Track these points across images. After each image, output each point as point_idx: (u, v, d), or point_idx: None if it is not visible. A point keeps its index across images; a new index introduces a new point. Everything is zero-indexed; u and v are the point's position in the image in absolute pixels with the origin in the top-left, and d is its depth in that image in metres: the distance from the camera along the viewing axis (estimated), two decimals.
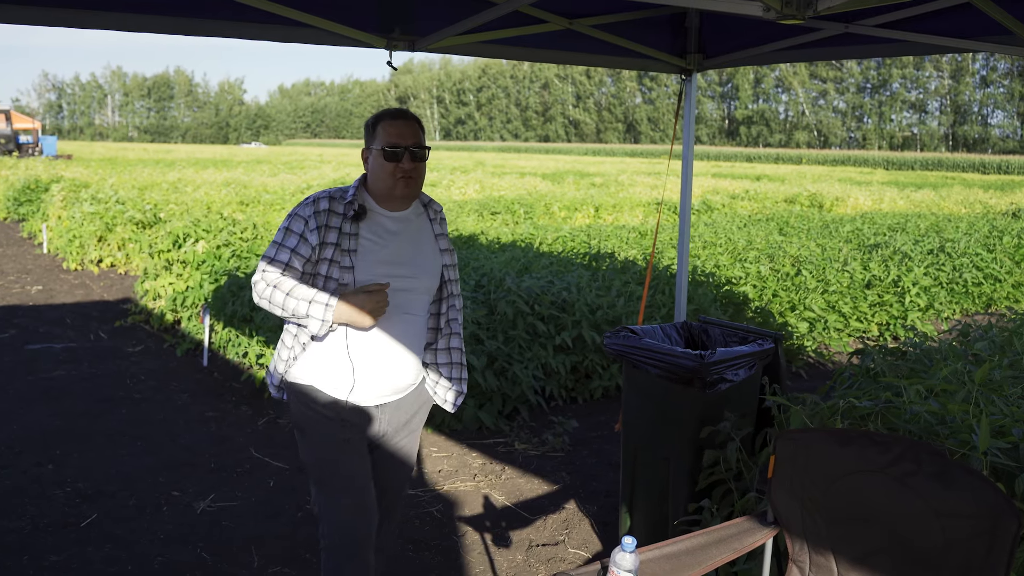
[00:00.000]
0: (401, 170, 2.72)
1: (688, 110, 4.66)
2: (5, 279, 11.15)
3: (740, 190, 23.11)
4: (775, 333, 3.88)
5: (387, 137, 2.73)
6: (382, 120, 2.77)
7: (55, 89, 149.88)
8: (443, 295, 2.94)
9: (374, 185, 2.78)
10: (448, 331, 2.95)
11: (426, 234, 2.89)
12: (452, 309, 2.96)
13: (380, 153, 2.73)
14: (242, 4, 3.39)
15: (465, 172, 29.69)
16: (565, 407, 6.22)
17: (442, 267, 2.92)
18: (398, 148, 2.72)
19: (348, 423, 2.79)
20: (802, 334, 7.66)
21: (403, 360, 2.82)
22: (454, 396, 3.00)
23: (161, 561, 3.92)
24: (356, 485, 2.83)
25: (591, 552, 4.11)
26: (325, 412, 2.78)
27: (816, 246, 10.08)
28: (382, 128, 2.75)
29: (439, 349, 2.95)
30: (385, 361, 2.78)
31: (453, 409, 3.02)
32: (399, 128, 2.74)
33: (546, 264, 8.06)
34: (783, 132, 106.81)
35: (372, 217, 2.77)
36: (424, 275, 2.84)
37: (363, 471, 2.86)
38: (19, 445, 5.29)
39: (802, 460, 2.60)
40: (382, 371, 2.78)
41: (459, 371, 2.99)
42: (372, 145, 2.77)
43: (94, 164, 27.93)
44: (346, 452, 2.81)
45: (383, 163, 2.73)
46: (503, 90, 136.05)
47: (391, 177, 2.73)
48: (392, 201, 2.78)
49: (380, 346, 2.77)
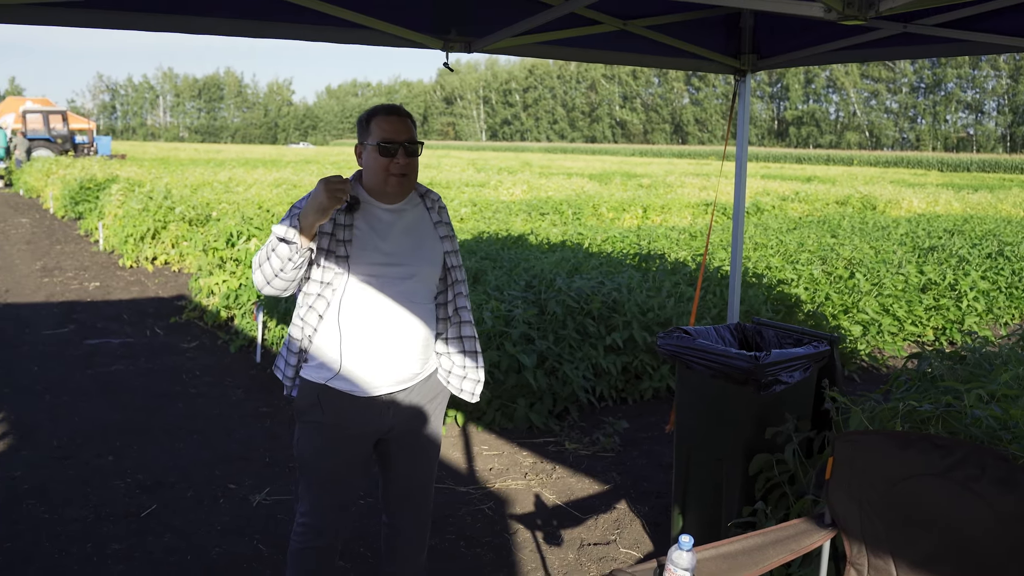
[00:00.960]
0: (396, 165, 2.74)
1: (742, 111, 4.64)
2: (64, 275, 11.42)
3: (790, 191, 22.86)
4: (831, 335, 3.85)
5: (381, 133, 2.74)
6: (376, 116, 2.78)
7: (109, 90, 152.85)
8: (448, 283, 2.93)
9: (368, 180, 2.80)
10: (458, 319, 2.95)
11: (424, 223, 2.89)
12: (459, 297, 2.95)
13: (375, 149, 2.74)
14: (299, 6, 3.45)
15: (512, 173, 29.75)
16: (615, 407, 6.22)
17: (443, 254, 2.92)
18: (392, 144, 2.73)
19: (344, 416, 2.80)
20: (855, 337, 7.57)
21: (405, 350, 2.81)
22: (472, 385, 2.98)
23: (219, 552, 4.00)
24: (338, 483, 2.88)
25: (643, 552, 4.12)
26: (319, 405, 2.80)
27: (869, 248, 9.95)
28: (376, 124, 2.76)
29: (450, 338, 2.95)
30: (385, 351, 2.78)
31: (474, 399, 3.00)
32: (393, 124, 2.75)
33: (596, 265, 8.06)
34: (834, 133, 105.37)
35: (367, 209, 2.79)
36: (423, 263, 2.84)
37: (350, 468, 2.88)
38: (81, 437, 5.42)
39: (861, 462, 2.59)
40: (382, 361, 2.78)
41: (474, 359, 2.97)
42: (366, 141, 2.78)
43: (147, 164, 28.46)
44: (335, 448, 2.84)
45: (377, 159, 2.74)
46: (550, 90, 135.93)
47: (385, 172, 2.75)
48: (386, 196, 2.80)
49: (379, 336, 2.76)
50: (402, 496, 3.04)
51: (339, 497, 2.90)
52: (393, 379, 2.81)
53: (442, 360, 2.97)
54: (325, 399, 2.79)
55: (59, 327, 8.41)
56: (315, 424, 2.82)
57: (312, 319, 2.76)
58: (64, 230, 16.39)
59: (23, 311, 9.13)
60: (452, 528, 4.30)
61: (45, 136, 33.24)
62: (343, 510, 2.93)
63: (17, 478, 4.76)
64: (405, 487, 3.03)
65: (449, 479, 4.92)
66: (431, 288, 2.89)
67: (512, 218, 14.16)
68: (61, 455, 5.12)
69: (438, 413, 3.02)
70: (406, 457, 2.98)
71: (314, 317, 2.76)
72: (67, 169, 21.38)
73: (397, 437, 2.93)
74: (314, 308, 2.76)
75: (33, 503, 4.46)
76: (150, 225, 12.31)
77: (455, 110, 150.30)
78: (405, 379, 2.84)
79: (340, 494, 2.90)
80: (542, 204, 16.15)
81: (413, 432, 2.96)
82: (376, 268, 2.74)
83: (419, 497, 3.07)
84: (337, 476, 2.88)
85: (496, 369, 5.71)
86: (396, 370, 2.81)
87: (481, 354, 3.01)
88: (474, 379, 2.99)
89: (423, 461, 3.03)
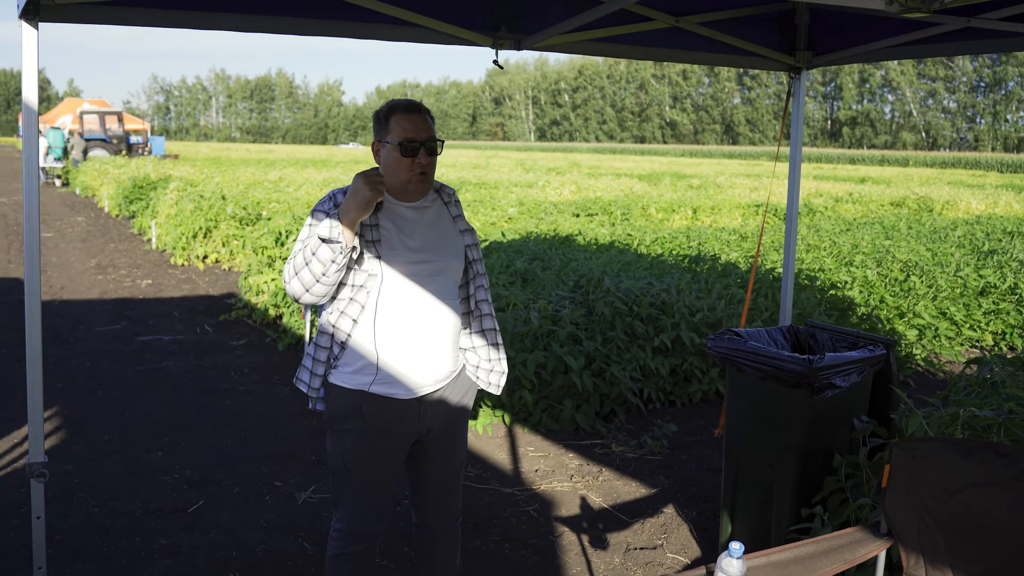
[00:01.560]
0: (418, 165, 2.70)
1: (796, 109, 4.54)
2: (117, 273, 11.61)
3: (843, 192, 22.47)
4: (887, 339, 3.74)
5: (402, 132, 2.69)
6: (395, 113, 2.72)
7: (163, 91, 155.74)
8: (469, 276, 2.90)
9: (388, 178, 2.73)
10: (479, 312, 2.91)
11: (444, 218, 2.87)
12: (480, 290, 2.92)
13: (396, 148, 2.69)
14: (350, 3, 3.44)
15: (560, 173, 29.68)
16: (663, 410, 6.14)
17: (464, 247, 2.89)
18: (414, 143, 2.69)
19: (385, 421, 2.77)
20: (911, 341, 7.39)
21: (441, 347, 2.78)
22: (497, 378, 2.96)
23: (264, 549, 4.00)
24: (378, 488, 2.86)
25: (690, 557, 4.04)
26: (359, 411, 2.76)
27: (926, 251, 9.72)
28: (396, 122, 2.70)
29: (473, 332, 2.92)
30: (424, 350, 2.74)
31: (498, 391, 2.98)
32: (414, 122, 2.70)
33: (645, 266, 7.97)
34: (889, 133, 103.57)
35: (389, 208, 2.75)
36: (450, 258, 2.81)
37: (389, 473, 2.86)
38: (131, 432, 5.49)
39: (919, 470, 2.50)
40: (422, 361, 2.75)
41: (497, 351, 2.95)
42: (385, 139, 2.73)
43: (199, 163, 28.88)
44: (375, 453, 2.81)
45: (399, 158, 2.69)
46: (599, 90, 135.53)
47: (407, 172, 2.70)
48: (407, 194, 2.76)
49: (417, 335, 2.73)
50: (438, 496, 3.01)
51: (378, 502, 2.87)
52: (432, 378, 2.79)
53: (468, 355, 2.95)
54: (366, 405, 2.75)
55: (112, 324, 8.55)
56: (354, 431, 2.78)
57: (345, 324, 2.71)
58: (118, 229, 16.69)
59: (78, 307, 9.30)
60: (497, 529, 4.26)
61: (101, 136, 33.91)
62: (382, 514, 2.90)
63: (69, 471, 4.83)
64: (440, 487, 3.00)
65: (494, 480, 4.89)
66: (457, 282, 2.86)
67: (560, 218, 14.10)
68: (112, 450, 5.19)
69: (468, 409, 3.01)
70: (442, 458, 2.96)
71: (347, 322, 2.71)
72: (121, 169, 21.76)
73: (434, 438, 2.90)
74: (347, 313, 2.71)
75: (84, 496, 4.51)
76: (201, 224, 12.48)
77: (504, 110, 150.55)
78: (442, 377, 2.82)
79: (379, 499, 2.87)
80: (590, 204, 16.07)
81: (448, 432, 2.94)
82: (407, 267, 2.71)
83: (453, 495, 3.05)
84: (376, 482, 2.85)
85: (543, 370, 5.66)
86: (435, 368, 2.78)
87: (503, 346, 2.98)
88: (499, 371, 2.97)
89: (456, 460, 3.01)
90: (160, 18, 3.30)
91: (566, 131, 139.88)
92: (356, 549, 2.88)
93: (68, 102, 48.32)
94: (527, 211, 14.82)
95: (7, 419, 5.62)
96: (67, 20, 3.06)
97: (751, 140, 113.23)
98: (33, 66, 2.77)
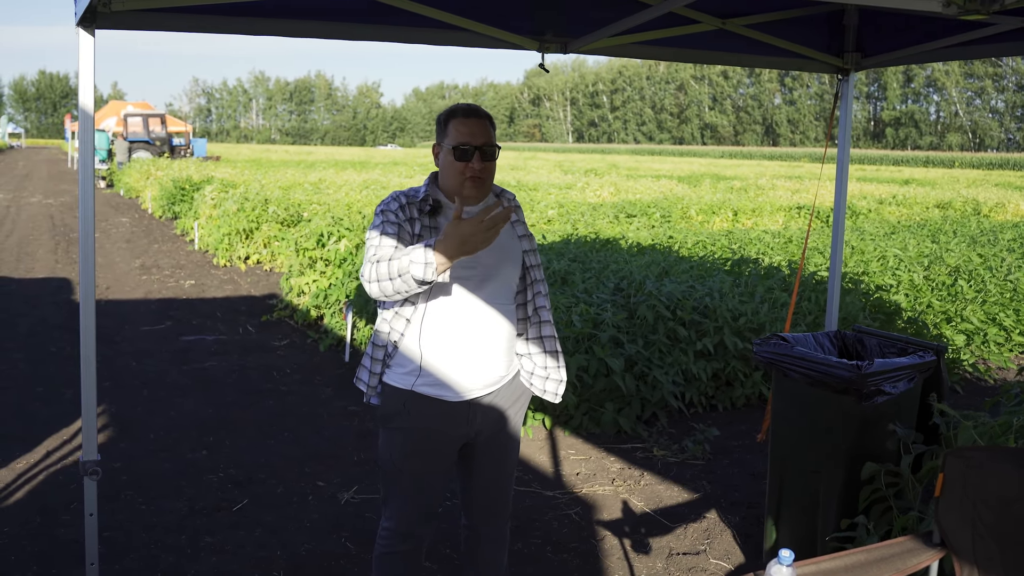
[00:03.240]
0: (471, 169, 2.69)
1: (844, 111, 4.49)
2: (161, 273, 11.78)
3: (887, 194, 22.18)
4: (937, 345, 3.68)
5: (458, 136, 2.69)
6: (454, 117, 2.73)
7: (204, 94, 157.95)
8: (527, 282, 2.89)
9: (444, 182, 2.76)
10: (537, 319, 2.90)
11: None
12: (539, 296, 2.90)
13: (451, 152, 2.70)
14: (394, 7, 3.45)
15: (599, 175, 29.62)
16: (705, 414, 6.09)
17: (522, 253, 2.88)
18: (468, 147, 2.69)
19: (432, 421, 2.77)
20: (959, 347, 7.27)
21: (491, 352, 2.77)
22: (555, 386, 2.94)
23: (308, 548, 4.03)
24: (425, 488, 2.85)
25: (733, 564, 4.01)
26: (406, 410, 2.76)
27: (975, 255, 9.56)
28: (453, 126, 2.71)
29: (531, 338, 2.90)
30: (472, 354, 2.74)
31: (556, 399, 2.96)
32: (470, 127, 2.70)
33: (686, 268, 7.92)
34: (934, 134, 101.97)
35: (447, 212, 2.75)
36: (506, 263, 2.80)
37: (437, 474, 2.86)
38: (176, 431, 5.56)
39: (974, 480, 2.45)
40: (470, 365, 2.74)
41: (555, 359, 2.93)
42: (444, 142, 2.74)
43: (240, 165, 29.21)
44: (423, 453, 2.81)
45: (453, 162, 2.70)
46: (638, 92, 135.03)
47: (460, 176, 2.70)
48: (463, 199, 2.75)
49: (466, 339, 2.73)
50: (487, 501, 3.01)
51: (425, 502, 2.88)
52: (481, 382, 2.78)
53: (523, 361, 2.93)
54: (412, 404, 2.76)
55: (156, 324, 8.67)
56: (402, 430, 2.79)
57: (399, 324, 2.73)
58: (161, 229, 16.92)
59: (123, 307, 9.44)
60: (538, 532, 4.26)
61: (144, 139, 34.45)
62: (429, 515, 2.91)
63: (116, 469, 4.90)
64: (489, 492, 3.00)
65: (536, 483, 4.88)
66: (512, 288, 2.85)
67: (599, 220, 14.07)
68: (158, 448, 5.26)
69: (520, 415, 2.99)
70: (491, 461, 2.95)
71: (401, 322, 2.73)
72: (164, 170, 22.07)
73: (483, 442, 2.90)
74: (401, 313, 2.73)
75: (131, 494, 4.58)
76: (244, 225, 12.61)
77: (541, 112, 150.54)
78: (492, 382, 2.81)
79: (427, 500, 2.88)
80: (630, 206, 16.01)
81: (498, 436, 2.93)
82: (461, 271, 2.70)
83: (502, 500, 3.04)
84: (424, 482, 2.86)
85: (584, 373, 5.65)
86: (483, 373, 2.78)
87: (562, 354, 2.97)
88: (556, 379, 2.95)
89: (507, 465, 3.00)
90: (206, 24, 3.34)
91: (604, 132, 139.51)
92: (404, 548, 2.89)
93: (113, 105, 49.13)
94: (566, 213, 14.80)
95: (55, 416, 5.72)
96: (121, 27, 3.11)
97: (792, 141, 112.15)
98: (89, 72, 2.82)
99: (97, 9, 2.74)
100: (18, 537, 4.05)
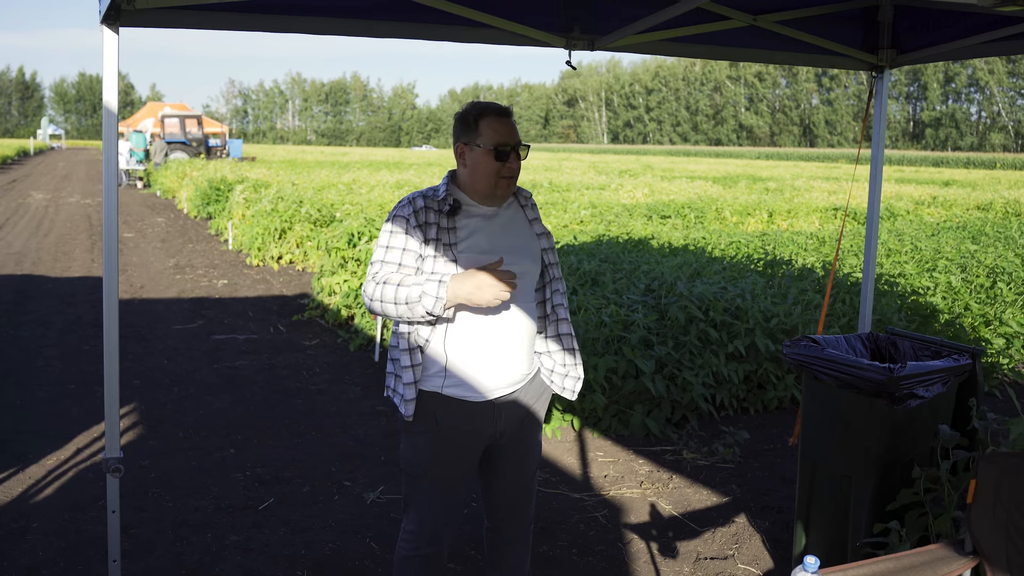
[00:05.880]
0: (508, 169, 2.70)
1: (879, 109, 4.40)
2: (194, 273, 11.88)
3: (926, 196, 21.85)
4: (973, 348, 3.59)
5: (495, 136, 2.68)
6: (486, 116, 2.70)
7: (241, 95, 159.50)
8: (545, 280, 2.88)
9: (472, 182, 2.73)
10: (555, 317, 2.90)
11: (520, 221, 2.86)
12: (556, 294, 2.90)
13: (488, 153, 2.68)
14: (423, 5, 3.43)
15: (633, 176, 29.48)
16: (736, 417, 6.01)
17: (541, 251, 2.86)
18: (507, 147, 2.68)
19: (459, 423, 2.75)
20: (997, 351, 7.11)
21: (516, 350, 2.76)
22: (573, 383, 2.94)
23: (332, 548, 4.02)
24: (449, 491, 2.84)
25: (762, 570, 3.94)
26: (433, 414, 2.74)
27: (1015, 256, 9.36)
28: (487, 125, 2.69)
29: (549, 336, 2.90)
30: (498, 353, 2.73)
31: (574, 396, 2.96)
32: (506, 127, 2.70)
33: (718, 270, 7.83)
34: (975, 134, 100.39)
35: (466, 211, 2.74)
36: (526, 261, 2.79)
37: (461, 476, 2.85)
38: (205, 429, 5.58)
39: (1009, 486, 2.38)
40: (496, 364, 2.73)
41: (572, 356, 2.93)
42: (474, 141, 2.71)
43: (275, 166, 29.41)
44: (448, 456, 2.79)
45: (490, 162, 2.68)
46: (673, 93, 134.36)
47: (496, 176, 2.70)
48: (491, 198, 2.75)
49: (492, 339, 2.71)
50: (510, 501, 2.99)
51: (450, 505, 2.86)
52: (506, 381, 2.77)
53: (543, 359, 2.93)
54: (440, 407, 2.74)
55: (188, 322, 8.73)
56: (428, 433, 2.77)
57: (423, 329, 2.71)
58: (196, 229, 17.08)
59: (156, 306, 9.53)
60: (564, 535, 4.21)
61: (181, 140, 34.79)
62: (453, 517, 2.89)
63: (145, 467, 4.93)
64: (513, 492, 2.98)
65: (563, 485, 4.84)
66: (532, 286, 2.84)
67: (632, 221, 13.98)
68: (186, 446, 5.28)
69: (542, 414, 2.99)
70: (514, 461, 2.94)
71: (426, 327, 2.71)
72: (200, 171, 22.26)
73: (507, 442, 2.88)
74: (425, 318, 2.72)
75: (158, 491, 4.60)
76: (277, 225, 12.68)
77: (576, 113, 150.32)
78: (516, 380, 2.80)
79: (451, 502, 2.86)
80: (663, 207, 15.90)
81: (522, 435, 2.92)
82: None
83: (525, 500, 3.03)
84: (448, 484, 2.83)
85: (613, 374, 5.59)
86: (509, 372, 2.77)
87: (579, 351, 2.96)
88: (575, 376, 2.95)
89: (529, 464, 2.99)
90: (234, 21, 3.34)
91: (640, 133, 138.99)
92: (426, 551, 2.87)
93: (150, 106, 49.78)
94: (599, 214, 14.73)
95: (88, 414, 5.78)
96: (145, 24, 3.12)
97: (829, 142, 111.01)
98: (113, 70, 2.82)
99: (121, 7, 2.75)
100: (47, 533, 4.09)
